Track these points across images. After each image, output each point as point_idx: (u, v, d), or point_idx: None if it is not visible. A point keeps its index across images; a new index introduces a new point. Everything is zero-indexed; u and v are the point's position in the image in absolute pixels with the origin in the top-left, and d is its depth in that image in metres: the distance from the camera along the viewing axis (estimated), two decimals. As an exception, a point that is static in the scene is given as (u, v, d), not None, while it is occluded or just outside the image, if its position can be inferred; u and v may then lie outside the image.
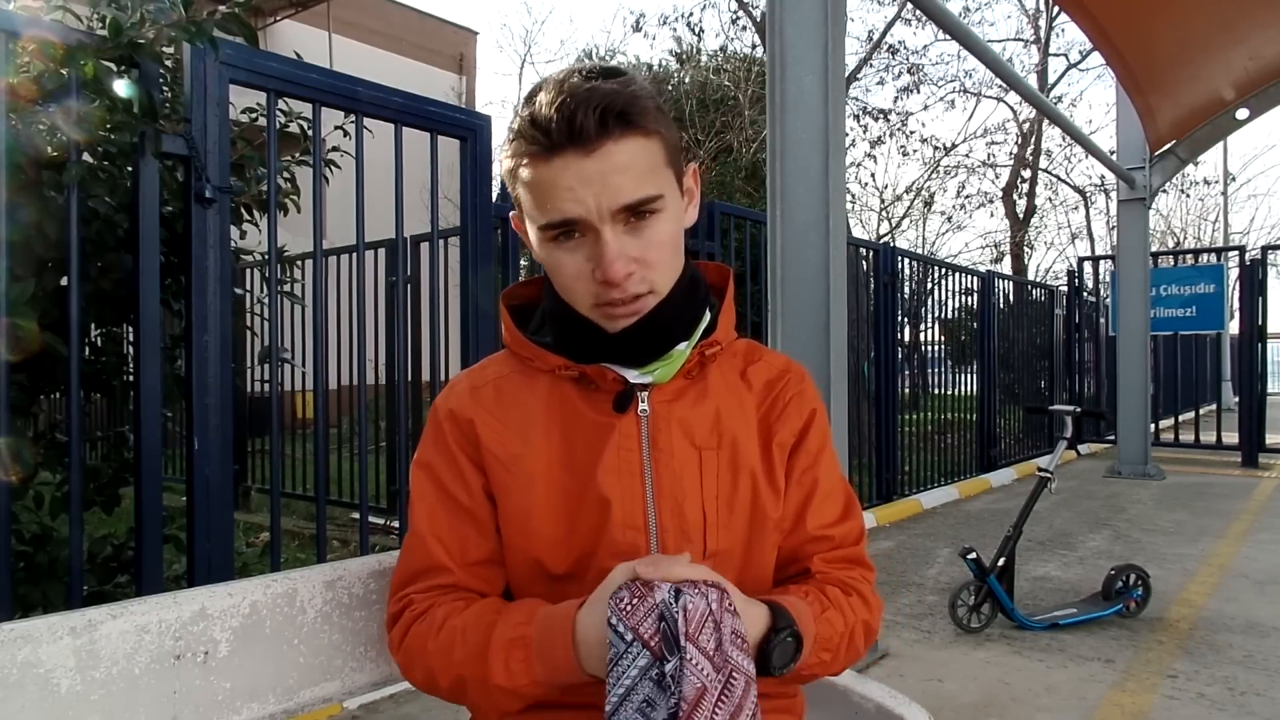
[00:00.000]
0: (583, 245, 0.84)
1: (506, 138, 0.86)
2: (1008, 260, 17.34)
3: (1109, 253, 13.66)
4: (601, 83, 0.81)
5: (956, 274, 7.56)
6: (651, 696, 0.70)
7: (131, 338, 2.22)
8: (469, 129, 2.94)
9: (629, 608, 0.73)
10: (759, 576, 0.93)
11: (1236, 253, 8.96)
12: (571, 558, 0.89)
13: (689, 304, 0.93)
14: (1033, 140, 16.45)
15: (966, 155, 16.73)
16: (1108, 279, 10.40)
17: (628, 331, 0.88)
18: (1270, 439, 8.42)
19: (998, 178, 16.94)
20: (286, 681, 0.99)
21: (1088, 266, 11.35)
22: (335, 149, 2.97)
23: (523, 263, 4.16)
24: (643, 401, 0.91)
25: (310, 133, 2.64)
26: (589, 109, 0.79)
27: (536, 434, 0.92)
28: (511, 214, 0.94)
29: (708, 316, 0.96)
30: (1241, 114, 6.85)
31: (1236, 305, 9.24)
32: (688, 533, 0.89)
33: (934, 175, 16.04)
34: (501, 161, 0.89)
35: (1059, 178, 19.14)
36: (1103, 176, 17.81)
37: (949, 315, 7.68)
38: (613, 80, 0.83)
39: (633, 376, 0.91)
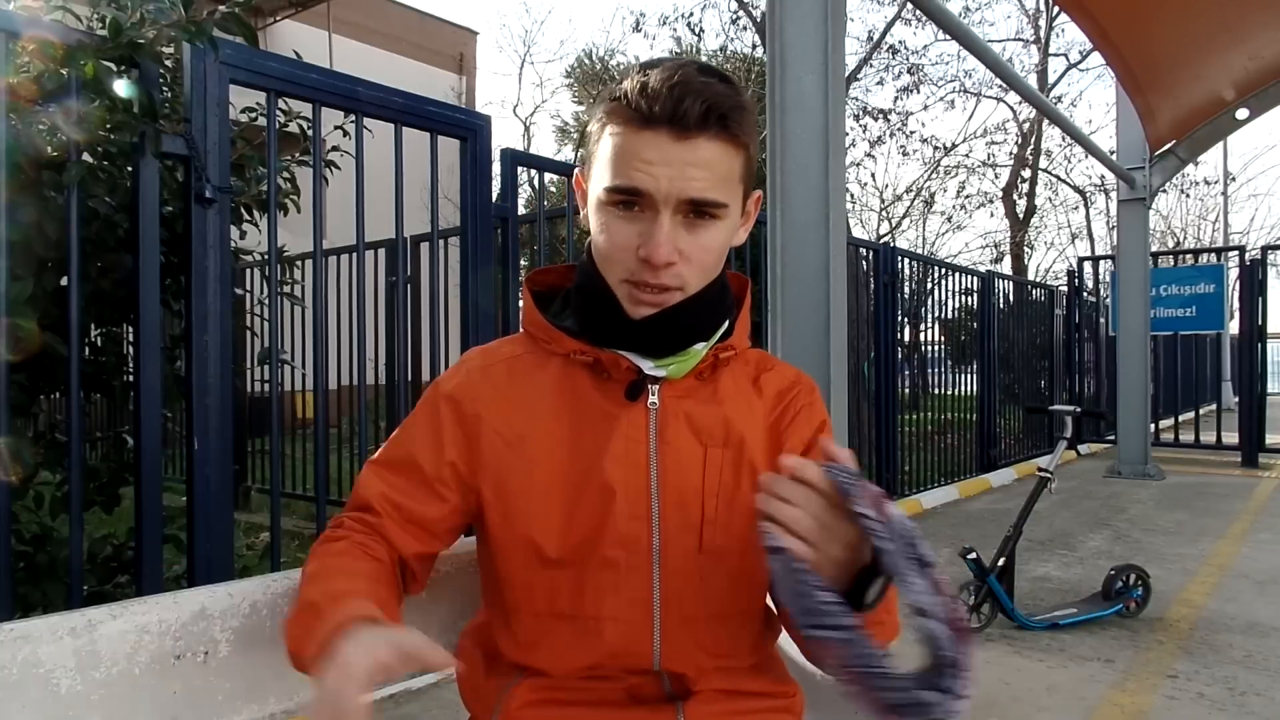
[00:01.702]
0: (639, 220, 0.86)
1: (605, 96, 0.89)
2: (1008, 260, 17.35)
3: (1109, 253, 13.66)
4: (715, 82, 0.84)
5: (956, 274, 7.56)
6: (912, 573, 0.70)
7: (131, 338, 2.22)
8: (469, 129, 2.94)
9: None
10: (757, 577, 0.93)
11: (1236, 253, 8.97)
12: (570, 543, 0.89)
13: (714, 309, 0.94)
14: (1033, 140, 16.44)
15: (966, 155, 16.73)
16: (1108, 279, 10.40)
17: (647, 322, 0.89)
18: (1270, 439, 8.42)
19: (998, 178, 16.95)
20: (286, 681, 0.99)
21: (1088, 266, 11.35)
22: (335, 149, 2.97)
23: (523, 263, 4.16)
24: (653, 394, 0.92)
25: (310, 133, 2.64)
26: (698, 100, 0.82)
27: (544, 415, 0.93)
28: (576, 170, 0.97)
29: (727, 323, 0.97)
30: (1241, 114, 6.85)
31: (1236, 305, 9.24)
32: (688, 525, 0.90)
33: (934, 175, 16.06)
34: (592, 117, 0.91)
35: (1059, 178, 19.14)
36: (1103, 176, 17.81)
37: (949, 315, 7.68)
38: (724, 85, 0.85)
39: (647, 367, 0.91)
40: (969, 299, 7.82)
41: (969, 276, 7.88)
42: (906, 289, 6.80)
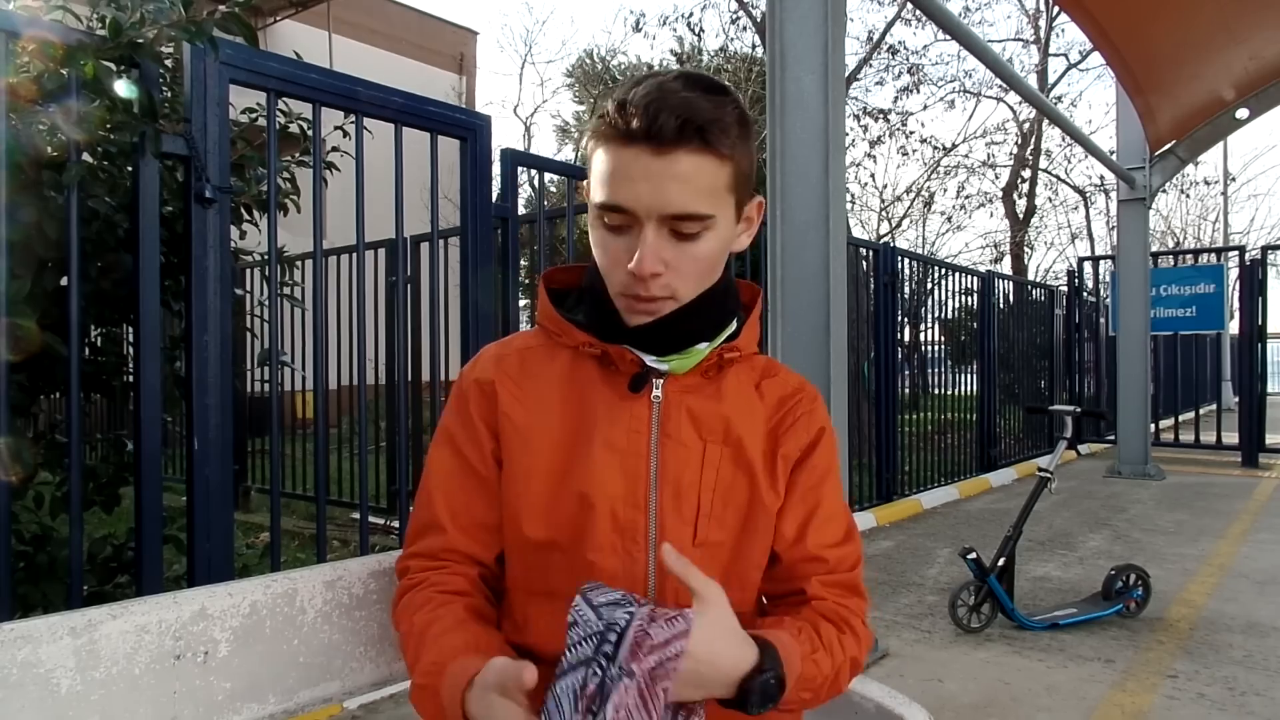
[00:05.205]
0: (627, 235, 0.88)
1: (596, 111, 0.92)
2: (1008, 260, 17.33)
3: (1109, 253, 13.65)
4: (696, 96, 0.84)
5: (956, 274, 7.56)
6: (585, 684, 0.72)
7: (131, 338, 2.22)
8: (469, 129, 2.94)
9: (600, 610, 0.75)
10: (747, 574, 0.95)
11: (1236, 253, 8.97)
12: (569, 527, 0.91)
13: (713, 314, 0.96)
14: (1033, 140, 16.43)
15: (966, 155, 16.71)
16: (1108, 279, 10.40)
17: (643, 328, 0.92)
18: (1270, 439, 8.42)
19: (998, 178, 16.92)
20: (286, 681, 0.99)
21: (1088, 266, 11.35)
22: (335, 149, 2.97)
23: (523, 263, 4.16)
24: (657, 388, 0.95)
25: (310, 133, 2.64)
26: (672, 114, 0.82)
27: (551, 403, 0.96)
28: (582, 182, 0.97)
29: (733, 325, 0.99)
30: (1241, 114, 6.86)
31: (1236, 305, 9.24)
32: (683, 517, 0.92)
33: (934, 175, 16.03)
34: (586, 132, 0.94)
35: (1059, 178, 19.12)
36: (1103, 176, 17.79)
37: (949, 315, 7.68)
38: (708, 96, 0.85)
39: (650, 361, 0.94)
40: (969, 299, 7.82)
41: (969, 276, 7.88)
42: (906, 289, 6.80)
